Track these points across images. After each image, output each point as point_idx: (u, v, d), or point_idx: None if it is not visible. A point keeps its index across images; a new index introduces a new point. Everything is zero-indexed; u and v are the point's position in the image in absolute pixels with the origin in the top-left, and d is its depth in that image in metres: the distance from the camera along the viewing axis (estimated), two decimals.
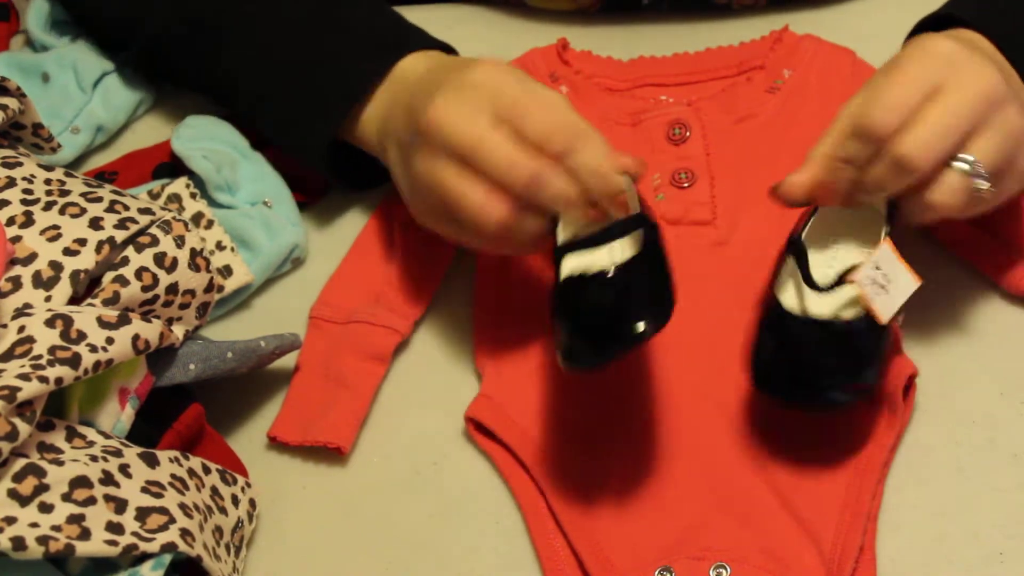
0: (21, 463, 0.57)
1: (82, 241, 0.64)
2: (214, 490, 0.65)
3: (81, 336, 0.60)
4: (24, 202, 0.66)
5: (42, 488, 0.57)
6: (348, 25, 0.79)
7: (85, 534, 0.56)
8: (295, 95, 0.79)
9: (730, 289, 0.74)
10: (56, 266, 0.63)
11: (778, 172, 0.68)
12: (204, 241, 0.70)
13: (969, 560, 0.64)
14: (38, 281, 0.62)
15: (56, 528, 0.56)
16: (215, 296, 0.71)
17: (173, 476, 0.62)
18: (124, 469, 0.60)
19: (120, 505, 0.58)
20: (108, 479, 0.59)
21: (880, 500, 0.66)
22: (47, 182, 0.68)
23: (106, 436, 0.62)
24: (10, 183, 0.67)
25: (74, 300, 0.63)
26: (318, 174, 0.84)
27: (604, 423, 0.71)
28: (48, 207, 0.66)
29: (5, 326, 0.60)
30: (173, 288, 0.67)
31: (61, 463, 0.58)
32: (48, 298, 0.62)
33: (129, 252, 0.65)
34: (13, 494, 0.56)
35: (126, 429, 0.64)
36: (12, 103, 0.70)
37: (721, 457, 0.68)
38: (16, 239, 0.64)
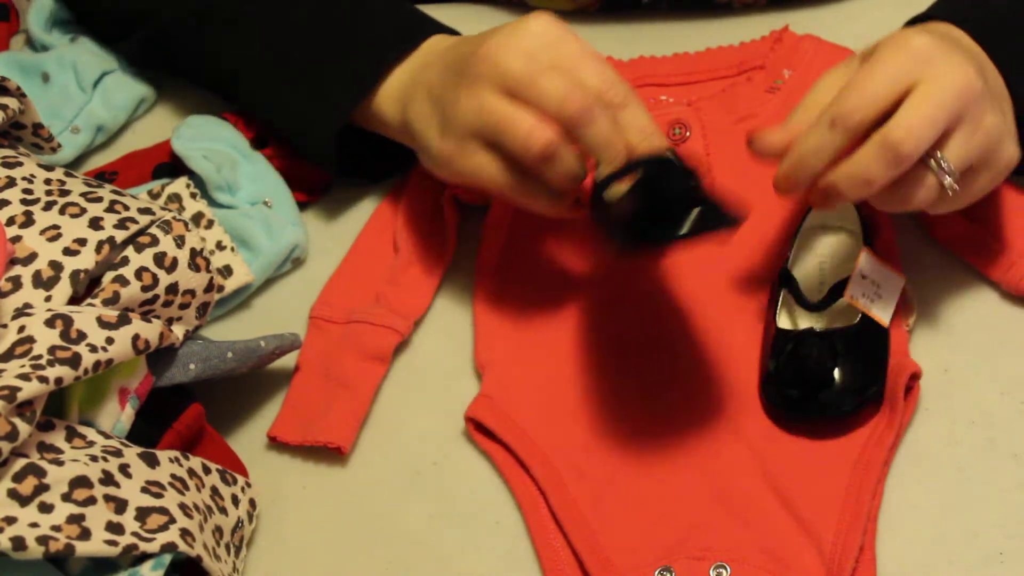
0: (21, 463, 0.57)
1: (82, 241, 0.64)
2: (214, 490, 0.65)
3: (81, 336, 0.60)
4: (24, 202, 0.66)
5: (42, 488, 0.57)
6: (370, 10, 0.80)
7: (85, 534, 0.56)
8: (311, 78, 0.79)
9: (730, 289, 0.74)
10: (56, 266, 0.63)
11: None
12: (204, 241, 0.70)
13: (969, 560, 0.64)
14: (38, 281, 0.62)
15: (56, 528, 0.56)
16: (215, 296, 0.71)
17: (173, 476, 0.62)
18: (124, 469, 0.60)
19: (120, 505, 0.58)
20: (108, 479, 0.59)
21: (880, 500, 0.66)
22: (47, 182, 0.68)
23: (106, 436, 0.62)
24: (10, 183, 0.67)
25: (74, 300, 0.63)
26: (318, 172, 0.84)
27: (604, 423, 0.71)
28: (48, 207, 0.66)
29: (5, 326, 0.60)
30: (173, 288, 0.67)
31: (61, 463, 0.58)
32: (48, 298, 0.62)
33: (129, 252, 0.65)
34: (13, 494, 0.56)
35: (126, 429, 0.64)
36: (12, 103, 0.70)
37: (721, 457, 0.68)
38: (16, 239, 0.64)
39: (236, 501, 0.67)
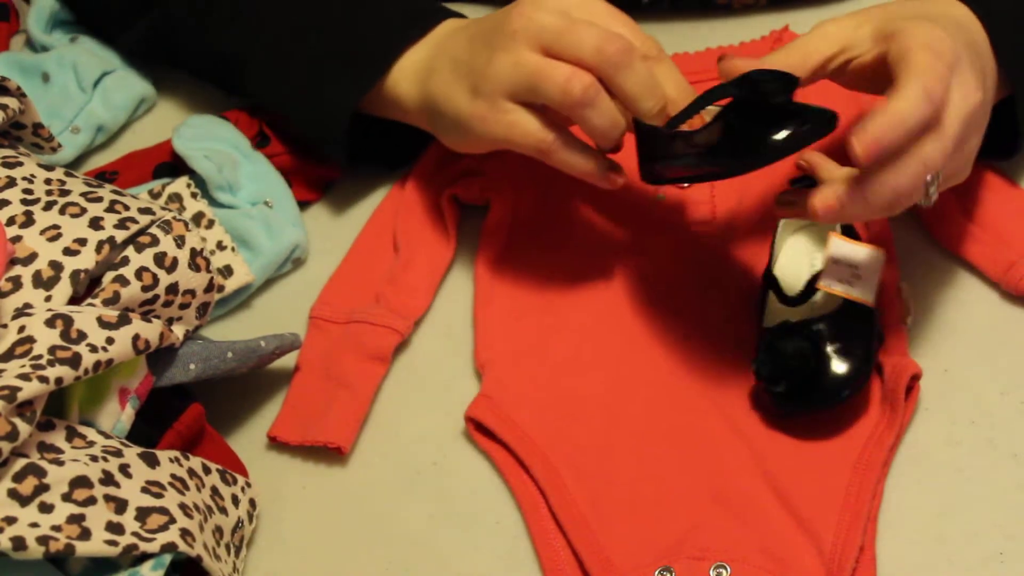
0: (21, 463, 0.57)
1: (82, 241, 0.64)
2: (214, 490, 0.65)
3: (81, 336, 0.60)
4: (24, 202, 0.66)
5: (42, 488, 0.57)
6: None
7: (85, 534, 0.56)
8: (324, 61, 0.79)
9: (730, 289, 0.74)
10: (56, 266, 0.63)
11: (778, 171, 0.69)
12: (204, 241, 0.70)
13: (969, 560, 0.64)
14: (38, 281, 0.62)
15: (56, 528, 0.56)
16: (215, 296, 0.71)
17: (173, 476, 0.62)
18: (124, 469, 0.60)
19: (120, 505, 0.58)
20: (108, 479, 0.59)
21: (880, 500, 0.66)
22: (47, 182, 0.68)
23: (106, 436, 0.62)
24: (10, 183, 0.67)
25: (74, 300, 0.63)
26: (320, 170, 0.84)
27: (604, 424, 0.71)
28: (48, 207, 0.66)
29: (5, 326, 0.60)
30: (173, 288, 0.67)
31: (61, 463, 0.58)
32: (48, 298, 0.62)
33: (129, 252, 0.65)
34: (13, 494, 0.56)
35: (126, 429, 0.64)
36: (12, 103, 0.70)
37: (721, 457, 0.68)
38: (16, 239, 0.64)
39: (236, 501, 0.67)
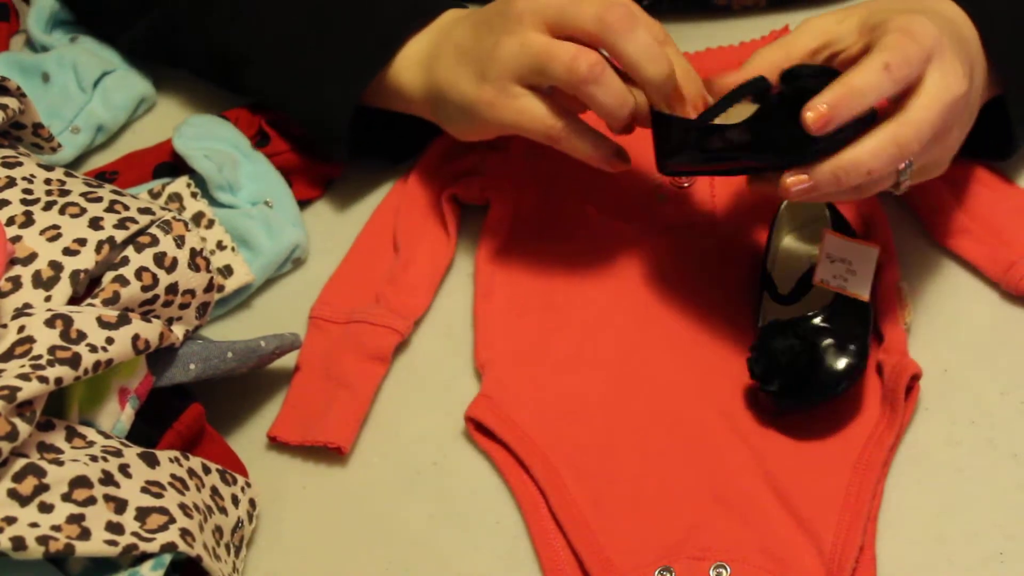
0: (21, 463, 0.57)
1: (82, 241, 0.64)
2: (214, 490, 0.65)
3: (81, 336, 0.60)
4: (24, 202, 0.66)
5: (42, 488, 0.57)
6: None
7: (85, 534, 0.56)
8: (326, 53, 0.79)
9: (731, 288, 0.74)
10: (56, 266, 0.63)
11: None
12: (204, 241, 0.70)
13: (969, 560, 0.64)
14: (38, 281, 0.62)
15: (56, 528, 0.56)
16: (215, 296, 0.71)
17: (173, 476, 0.62)
18: (124, 469, 0.60)
19: (120, 505, 0.58)
20: (108, 479, 0.59)
21: (880, 500, 0.66)
22: (47, 182, 0.68)
23: (106, 436, 0.62)
24: (10, 183, 0.67)
25: (74, 300, 0.63)
26: (321, 167, 0.84)
27: (604, 424, 0.71)
28: (48, 207, 0.66)
29: (5, 326, 0.60)
30: (173, 288, 0.67)
31: (61, 463, 0.58)
32: (48, 298, 0.62)
33: (129, 252, 0.65)
34: (13, 494, 0.56)
35: (126, 429, 0.64)
36: (12, 103, 0.70)
37: (721, 457, 0.68)
38: (16, 239, 0.64)
39: (236, 501, 0.67)
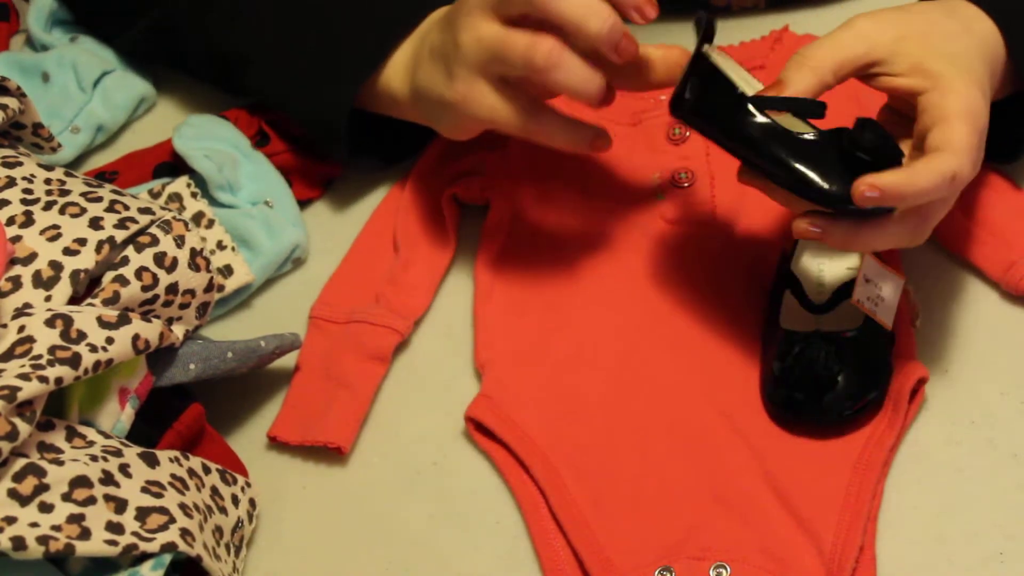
0: (21, 463, 0.57)
1: (82, 241, 0.64)
2: (214, 490, 0.65)
3: (81, 336, 0.60)
4: (24, 202, 0.66)
5: (42, 488, 0.57)
6: None
7: (85, 534, 0.56)
8: (322, 57, 0.79)
9: (731, 288, 0.74)
10: (56, 266, 0.63)
11: None
12: (204, 241, 0.70)
13: (969, 560, 0.64)
14: (38, 281, 0.62)
15: (56, 528, 0.56)
16: (215, 296, 0.71)
17: (173, 476, 0.62)
18: (124, 469, 0.60)
19: (120, 505, 0.58)
20: (108, 479, 0.59)
21: (880, 500, 0.66)
22: (47, 182, 0.68)
23: (106, 436, 0.62)
24: (10, 183, 0.67)
25: (74, 300, 0.63)
26: (321, 167, 0.84)
27: (604, 424, 0.71)
28: (48, 207, 0.66)
29: (5, 326, 0.60)
30: (173, 288, 0.67)
31: (61, 463, 0.58)
32: (48, 298, 0.62)
33: (129, 252, 0.65)
34: (13, 494, 0.56)
35: (126, 429, 0.64)
36: (12, 103, 0.70)
37: (721, 457, 0.68)
38: (16, 239, 0.64)
39: (236, 501, 0.67)
